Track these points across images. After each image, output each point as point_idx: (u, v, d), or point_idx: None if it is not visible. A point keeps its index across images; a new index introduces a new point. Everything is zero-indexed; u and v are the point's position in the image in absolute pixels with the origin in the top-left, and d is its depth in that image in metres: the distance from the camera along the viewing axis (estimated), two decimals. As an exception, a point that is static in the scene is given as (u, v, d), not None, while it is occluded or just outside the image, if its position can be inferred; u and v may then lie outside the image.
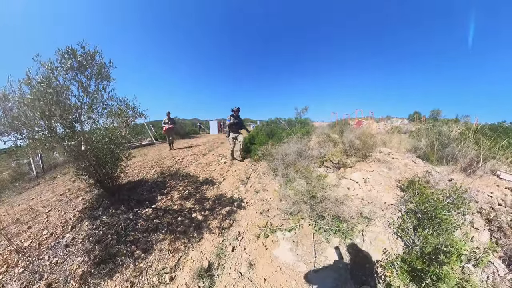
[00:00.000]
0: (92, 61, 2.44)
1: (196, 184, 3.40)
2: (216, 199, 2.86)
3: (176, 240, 2.04)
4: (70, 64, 2.26)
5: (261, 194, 2.96)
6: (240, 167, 4.31)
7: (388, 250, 1.81)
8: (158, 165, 4.49)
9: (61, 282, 1.61)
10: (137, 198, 2.89)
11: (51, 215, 2.52)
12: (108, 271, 1.72)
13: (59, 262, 1.80)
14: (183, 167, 4.35)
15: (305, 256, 1.84)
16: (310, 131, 5.53)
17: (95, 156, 2.59)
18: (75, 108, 2.36)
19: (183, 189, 3.20)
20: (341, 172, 3.60)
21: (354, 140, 4.22)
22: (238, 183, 3.43)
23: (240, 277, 1.62)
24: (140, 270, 1.73)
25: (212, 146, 7.16)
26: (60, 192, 3.21)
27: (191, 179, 3.60)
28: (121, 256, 1.86)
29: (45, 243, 2.02)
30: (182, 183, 3.45)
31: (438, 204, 1.59)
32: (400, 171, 3.68)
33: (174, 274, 1.70)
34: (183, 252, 1.91)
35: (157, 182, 3.47)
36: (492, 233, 2.20)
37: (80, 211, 2.59)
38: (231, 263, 1.77)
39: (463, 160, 3.96)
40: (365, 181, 3.29)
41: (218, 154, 5.58)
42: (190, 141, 9.80)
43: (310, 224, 2.18)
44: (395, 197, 2.84)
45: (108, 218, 2.42)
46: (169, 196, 2.97)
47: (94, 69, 2.48)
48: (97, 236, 2.10)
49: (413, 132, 6.98)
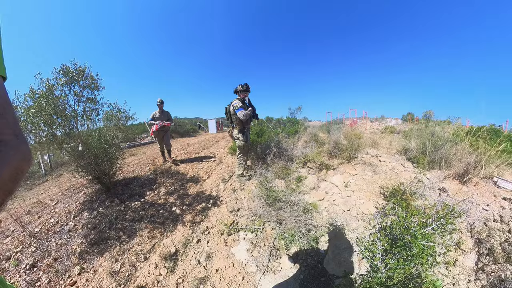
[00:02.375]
0: (83, 75, 3.14)
1: (182, 181, 4.01)
2: (196, 196, 3.42)
3: (155, 229, 2.62)
4: (64, 80, 2.97)
5: (237, 193, 3.46)
6: (227, 166, 4.83)
7: (348, 271, 1.79)
8: (153, 163, 5.16)
9: (64, 258, 2.23)
10: (129, 193, 3.53)
11: (57, 207, 3.19)
12: (100, 250, 2.32)
13: (63, 244, 2.43)
14: (175, 165, 4.96)
15: (260, 259, 2.12)
16: (298, 131, 5.89)
17: (93, 155, 3.21)
18: (71, 116, 3.05)
19: (169, 186, 3.80)
20: (323, 174, 3.97)
21: (341, 141, 4.54)
22: (220, 182, 3.97)
23: (198, 264, 2.11)
24: (123, 250, 2.32)
25: (206, 145, 7.84)
26: (65, 187, 3.93)
27: (179, 177, 4.21)
28: (111, 239, 2.47)
29: (52, 229, 2.67)
30: (170, 180, 4.07)
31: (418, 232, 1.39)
32: (386, 175, 3.92)
33: (148, 255, 2.26)
34: (158, 239, 2.48)
35: (149, 178, 4.11)
36: (479, 256, 2.08)
37: (81, 203, 3.25)
38: (193, 252, 2.26)
39: (458, 164, 4.10)
40: (346, 185, 3.58)
41: (210, 153, 6.19)
42: (188, 140, 10.59)
43: (274, 228, 2.46)
44: (377, 205, 2.97)
45: (104, 209, 3.05)
46: (157, 192, 3.58)
47: (86, 81, 3.19)
48: (94, 224, 2.72)
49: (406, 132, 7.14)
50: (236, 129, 3.76)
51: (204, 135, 14.04)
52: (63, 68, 2.98)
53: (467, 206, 2.68)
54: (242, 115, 3.52)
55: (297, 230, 2.33)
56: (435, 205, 1.79)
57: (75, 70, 3.07)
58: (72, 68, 3.03)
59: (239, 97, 3.67)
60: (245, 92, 3.66)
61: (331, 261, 2.01)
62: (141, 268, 2.10)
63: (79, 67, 3.11)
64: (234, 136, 3.81)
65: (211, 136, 12.85)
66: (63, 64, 2.99)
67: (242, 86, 3.61)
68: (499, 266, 1.93)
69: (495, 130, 6.10)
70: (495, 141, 5.05)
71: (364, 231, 2.41)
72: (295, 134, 5.47)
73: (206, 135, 13.88)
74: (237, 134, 3.76)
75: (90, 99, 3.26)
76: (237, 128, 3.74)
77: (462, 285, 1.85)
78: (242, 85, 3.62)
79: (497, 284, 1.76)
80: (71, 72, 3.02)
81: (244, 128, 3.77)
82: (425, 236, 1.42)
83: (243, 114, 3.52)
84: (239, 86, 3.63)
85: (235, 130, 3.77)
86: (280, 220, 2.48)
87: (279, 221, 2.48)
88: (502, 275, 1.83)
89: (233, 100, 3.69)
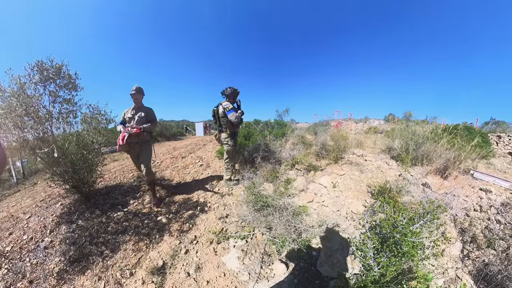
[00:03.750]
0: (59, 73, 2.87)
1: (168, 187, 3.86)
2: (183, 203, 3.30)
3: (140, 241, 2.49)
4: (38, 78, 2.69)
5: (226, 198, 3.39)
6: (215, 170, 4.74)
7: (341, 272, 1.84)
8: (137, 169, 4.93)
9: (41, 279, 2.05)
10: (111, 202, 3.34)
11: (31, 221, 2.94)
12: (81, 268, 2.15)
13: (39, 263, 2.22)
14: (160, 171, 4.81)
15: (252, 266, 2.07)
16: (285, 133, 5.95)
17: (70, 162, 2.97)
18: (45, 118, 2.78)
19: None
20: (311, 176, 4.01)
21: (327, 142, 4.64)
22: (207, 187, 3.87)
23: (187, 277, 2.02)
24: (107, 267, 2.16)
25: (193, 149, 7.68)
26: (40, 198, 3.65)
27: (164, 183, 4.08)
28: (93, 255, 2.30)
29: (26, 247, 2.44)
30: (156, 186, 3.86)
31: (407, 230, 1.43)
32: (373, 174, 4.03)
33: (134, 270, 2.13)
34: (144, 252, 2.35)
35: (132, 186, 3.92)
36: (464, 244, 2.23)
37: (58, 216, 3.02)
38: (182, 264, 2.17)
39: (438, 160, 4.34)
40: (334, 185, 3.63)
41: (197, 157, 6.06)
42: (175, 143, 10.36)
43: (264, 233, 2.42)
44: (365, 204, 3.02)
45: (84, 222, 2.85)
46: (141, 200, 3.42)
47: (64, 80, 2.93)
48: (73, 239, 2.53)
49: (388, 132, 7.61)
50: (225, 133, 3.54)
51: (191, 138, 13.83)
52: (38, 64, 2.69)
53: (450, 199, 2.85)
54: (234, 117, 3.28)
55: (287, 235, 2.30)
56: (422, 202, 1.88)
57: (52, 67, 2.79)
58: (48, 65, 2.76)
59: (228, 99, 3.45)
60: (235, 95, 3.48)
61: (324, 263, 2.02)
62: (127, 285, 1.97)
63: (56, 64, 2.83)
64: (223, 141, 3.62)
65: (198, 139, 12.68)
66: (38, 60, 2.70)
67: (231, 88, 3.44)
68: (482, 251, 2.09)
69: (468, 128, 6.54)
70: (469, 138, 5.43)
71: (355, 231, 2.43)
72: (283, 137, 5.52)
73: (193, 138, 13.68)
74: (226, 138, 3.55)
75: (67, 99, 2.99)
76: (226, 132, 3.51)
77: (451, 273, 1.95)
78: (231, 87, 3.45)
79: (482, 268, 1.88)
80: (47, 69, 2.75)
81: (234, 132, 3.59)
82: (414, 233, 1.47)
83: (235, 117, 3.28)
84: (229, 88, 3.44)
85: (224, 134, 3.56)
86: (269, 225, 2.44)
87: (269, 227, 2.44)
88: (485, 260, 1.97)
89: (222, 102, 3.45)
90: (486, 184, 3.82)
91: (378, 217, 2.49)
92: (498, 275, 1.76)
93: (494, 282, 1.74)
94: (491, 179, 3.98)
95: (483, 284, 1.79)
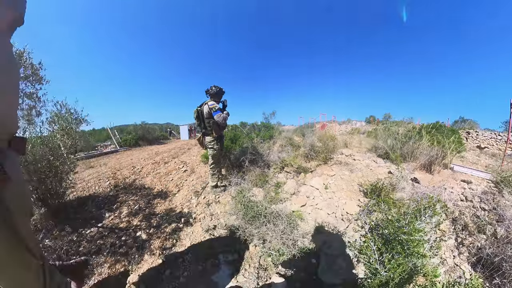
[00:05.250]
0: (20, 61, 2.44)
1: (148, 197, 3.50)
2: (165, 215, 2.96)
3: (117, 262, 2.15)
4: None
5: (212, 207, 3.11)
6: (200, 176, 4.47)
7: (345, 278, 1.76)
8: (114, 177, 4.54)
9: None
10: (84, 217, 2.93)
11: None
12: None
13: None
14: (140, 178, 4.45)
15: (247, 283, 1.84)
16: (273, 135, 5.87)
17: (33, 170, 2.55)
18: None
19: (133, 204, 3.27)
20: (301, 178, 3.90)
21: (316, 143, 4.59)
22: (192, 195, 3.55)
23: None
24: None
25: (177, 153, 7.32)
26: None
27: (144, 192, 3.70)
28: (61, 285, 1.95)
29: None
30: (134, 196, 3.53)
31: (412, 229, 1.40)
32: (362, 173, 4.03)
33: (111, 298, 1.80)
34: (122, 275, 2.01)
35: (109, 196, 3.53)
36: (457, 233, 2.33)
37: (20, 235, 2.60)
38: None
39: (423, 157, 4.51)
40: (326, 187, 3.54)
41: (181, 162, 5.73)
42: (157, 147, 9.88)
43: (257, 245, 2.20)
44: (359, 203, 2.99)
45: (51, 241, 2.46)
46: (118, 213, 3.04)
47: (28, 70, 2.50)
48: (36, 263, 2.17)
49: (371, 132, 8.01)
50: (210, 136, 3.26)
51: (175, 142, 13.29)
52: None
53: (439, 191, 3.03)
54: (222, 118, 3.07)
55: (283, 246, 2.11)
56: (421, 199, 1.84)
57: (11, 52, 2.33)
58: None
59: (213, 98, 3.20)
60: (220, 94, 3.26)
61: (326, 270, 1.89)
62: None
63: (17, 50, 2.37)
64: (207, 145, 3.33)
65: (182, 143, 12.21)
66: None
67: (217, 87, 3.19)
68: (474, 237, 2.22)
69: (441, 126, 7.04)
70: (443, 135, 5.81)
71: (354, 234, 2.34)
72: (270, 139, 5.40)
73: (178, 142, 13.17)
74: (212, 142, 3.27)
75: (29, 94, 2.56)
76: (211, 136, 3.24)
77: (449, 262, 2.02)
78: (217, 86, 3.20)
79: (477, 253, 2.01)
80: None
81: (220, 134, 3.37)
82: (418, 231, 1.45)
83: (222, 118, 3.08)
84: (214, 87, 3.18)
85: (209, 138, 3.28)
86: (263, 237, 2.22)
87: (262, 238, 2.23)
88: (478, 244, 2.10)
89: (207, 101, 3.17)
90: (465, 176, 4.13)
91: (374, 216, 2.43)
92: (495, 258, 1.83)
93: (491, 266, 1.82)
94: (469, 171, 4.42)
95: (480, 268, 1.87)
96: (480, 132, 10.47)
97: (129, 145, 10.59)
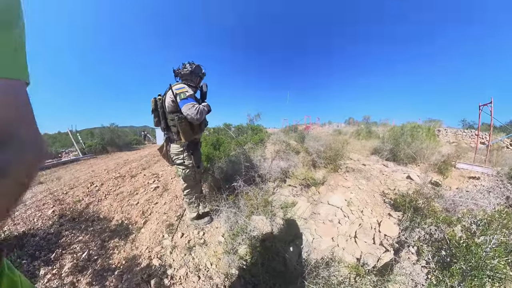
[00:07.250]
0: None
1: (103, 236, 2.21)
2: (125, 269, 1.76)
3: None
4: None
5: (196, 253, 1.93)
6: (175, 195, 3.21)
7: None
8: (63, 200, 3.13)
9: None
10: None
11: None
12: None
13: None
14: (96, 201, 3.09)
15: None
16: (264, 139, 4.93)
17: None
18: None
19: (81, 250, 1.99)
20: (313, 194, 3.01)
21: (321, 148, 3.81)
22: (164, 231, 2.31)
23: None
24: None
25: (149, 162, 5.89)
26: None
27: (98, 226, 2.38)
28: None
29: None
30: (84, 234, 2.22)
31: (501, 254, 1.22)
32: (380, 180, 3.37)
33: None
34: None
35: (49, 235, 2.15)
36: None
37: None
38: None
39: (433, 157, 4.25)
40: (348, 203, 2.75)
41: (152, 175, 4.38)
42: (128, 155, 8.23)
43: None
44: (395, 221, 2.31)
45: None
46: (58, 266, 1.76)
47: None
48: None
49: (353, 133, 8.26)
50: (176, 144, 2.00)
51: (149, 148, 11.40)
52: None
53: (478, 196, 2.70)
54: (195, 111, 1.76)
55: None
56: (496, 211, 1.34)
57: None
58: None
59: (185, 81, 1.99)
60: (197, 77, 2.06)
61: None
62: None
63: None
64: (174, 158, 2.06)
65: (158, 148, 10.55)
66: None
67: (193, 65, 2.00)
68: None
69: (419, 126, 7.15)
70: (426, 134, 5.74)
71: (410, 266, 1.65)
72: (262, 143, 4.46)
73: (153, 148, 11.32)
74: (180, 154, 2.01)
75: None
76: (179, 142, 1.98)
77: None
78: (192, 63, 2.02)
79: None
80: None
81: (194, 140, 2.06)
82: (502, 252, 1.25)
83: (195, 110, 1.76)
84: (188, 64, 2.00)
85: (175, 146, 2.02)
86: None
87: None
88: None
89: (173, 85, 1.88)
90: (468, 172, 4.10)
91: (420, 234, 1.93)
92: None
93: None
94: (470, 167, 4.35)
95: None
96: (448, 129, 12.18)
97: (95, 152, 8.67)
